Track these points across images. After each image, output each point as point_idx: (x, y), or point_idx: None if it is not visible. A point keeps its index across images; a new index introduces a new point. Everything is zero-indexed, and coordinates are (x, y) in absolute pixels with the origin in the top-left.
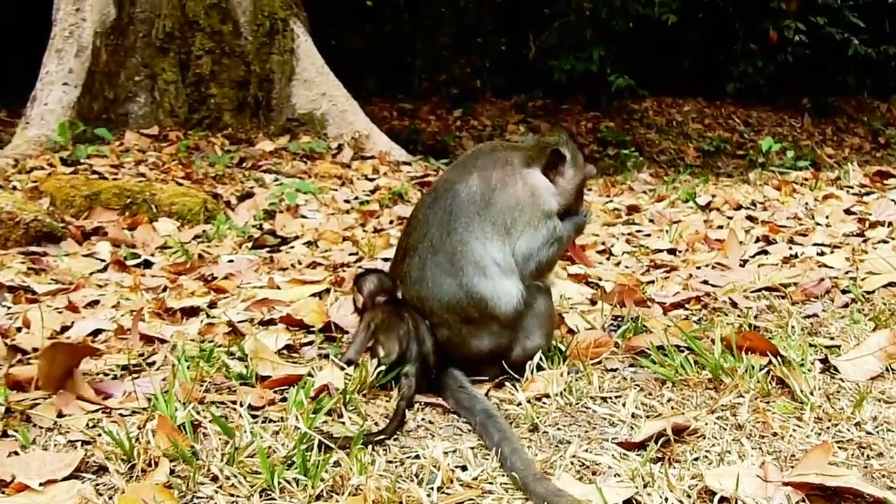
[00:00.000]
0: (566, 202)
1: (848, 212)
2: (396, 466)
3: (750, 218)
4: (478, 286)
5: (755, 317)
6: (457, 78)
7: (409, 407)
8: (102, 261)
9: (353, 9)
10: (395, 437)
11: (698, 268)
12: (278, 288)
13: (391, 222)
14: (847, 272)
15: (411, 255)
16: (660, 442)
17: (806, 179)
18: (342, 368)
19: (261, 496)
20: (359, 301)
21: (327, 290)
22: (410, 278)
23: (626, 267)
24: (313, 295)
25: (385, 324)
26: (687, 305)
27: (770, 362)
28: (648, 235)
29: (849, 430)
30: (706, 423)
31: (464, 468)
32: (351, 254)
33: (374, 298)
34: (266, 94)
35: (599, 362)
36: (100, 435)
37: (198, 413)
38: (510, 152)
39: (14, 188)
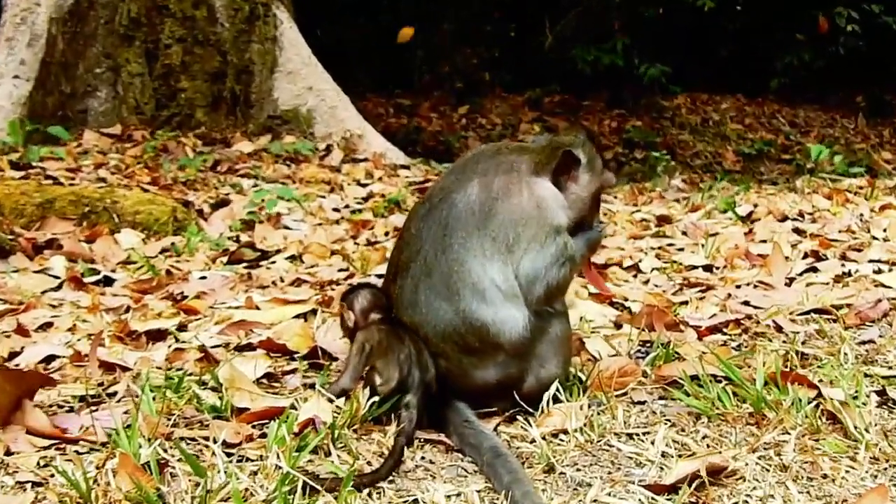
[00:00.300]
0: (579, 213)
1: None
2: None
3: (797, 231)
4: (477, 312)
5: (803, 343)
6: (462, 70)
7: (409, 444)
8: (56, 278)
9: None
10: (391, 478)
11: (738, 287)
12: (257, 308)
13: (387, 234)
14: None
15: (403, 276)
16: (693, 485)
17: (860, 187)
18: (331, 401)
19: None
20: (350, 319)
21: (313, 311)
22: (402, 302)
23: (656, 285)
24: (297, 316)
25: (382, 346)
26: (725, 330)
27: (819, 395)
28: (681, 250)
29: None
30: (746, 464)
31: None
32: (340, 270)
33: (367, 316)
34: (244, 88)
35: (625, 394)
36: (53, 475)
37: (165, 450)
38: (516, 156)
39: None
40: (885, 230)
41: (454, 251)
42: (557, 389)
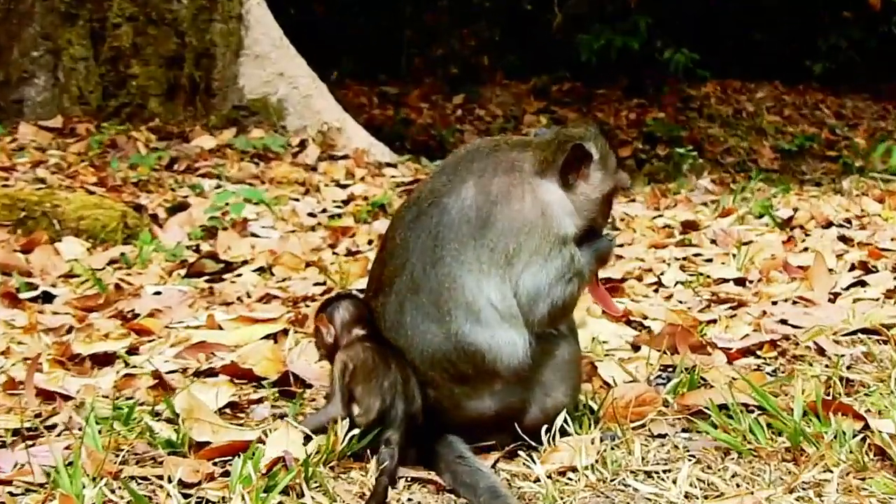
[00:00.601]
0: (588, 218)
1: None
2: None
3: (843, 239)
4: (471, 336)
5: (848, 367)
6: (457, 54)
7: (392, 484)
8: None
9: None
10: None
11: (774, 303)
12: (220, 328)
13: (370, 242)
14: None
15: (385, 293)
16: None
17: None
18: (309, 438)
19: None
20: (329, 335)
21: (284, 332)
22: (385, 322)
23: (680, 301)
24: (266, 337)
25: (366, 368)
26: (759, 352)
27: (866, 427)
28: (709, 261)
29: None
30: None
31: None
32: (316, 284)
33: (349, 331)
34: (205, 75)
35: (643, 426)
36: None
37: (112, 491)
38: (518, 152)
39: None
40: None
41: (445, 265)
42: (565, 421)
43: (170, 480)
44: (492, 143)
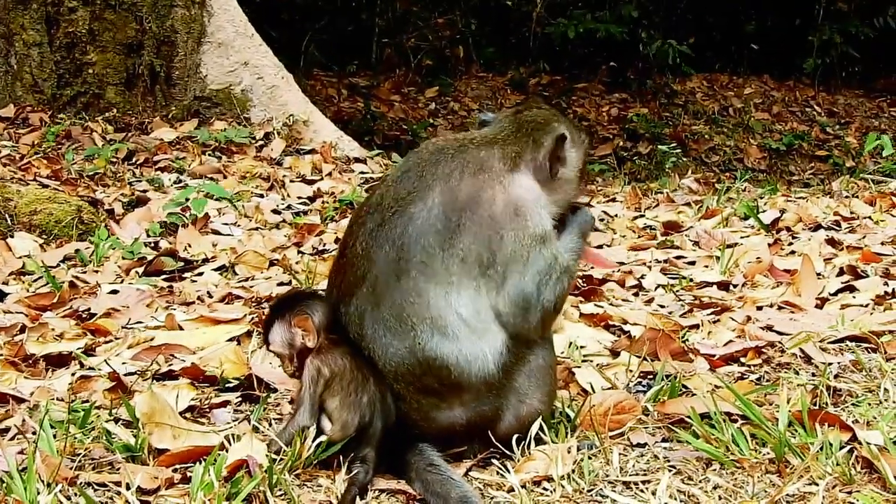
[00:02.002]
0: (566, 198)
1: None
2: None
3: (832, 242)
4: (435, 350)
5: (835, 376)
6: (430, 43)
7: (361, 496)
8: None
9: None
10: None
11: (759, 308)
12: (180, 329)
13: (337, 241)
14: None
15: (346, 303)
16: None
17: None
18: (278, 452)
19: None
20: (310, 339)
21: (248, 333)
22: (349, 331)
23: (661, 306)
24: (229, 340)
25: (343, 379)
26: (743, 359)
27: (854, 438)
28: (692, 264)
29: None
30: None
31: None
32: (281, 284)
33: (325, 335)
34: (166, 63)
35: (622, 434)
36: None
37: (68, 498)
38: (485, 151)
39: None
40: None
41: (411, 279)
42: (541, 429)
43: (128, 487)
44: (456, 142)
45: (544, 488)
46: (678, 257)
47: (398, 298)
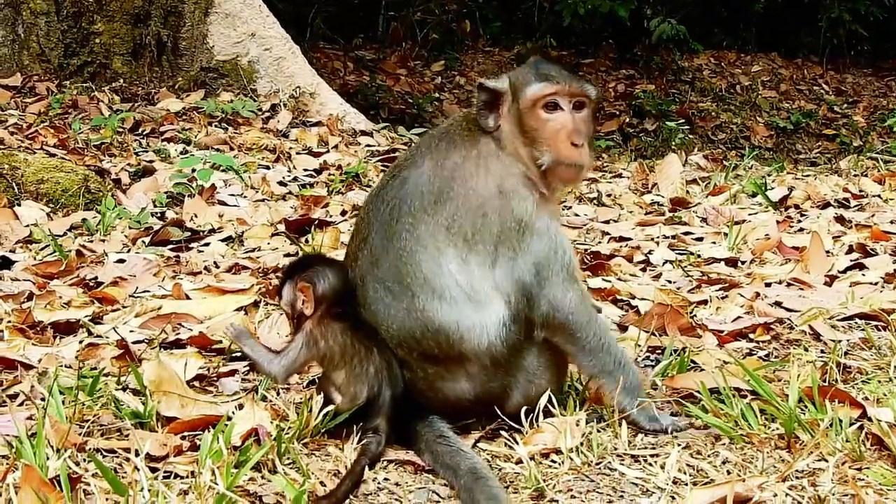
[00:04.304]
0: (537, 157)
1: None
2: None
3: (840, 220)
4: (433, 314)
5: (845, 353)
6: (437, 17)
7: (372, 466)
8: None
9: None
10: (349, 502)
11: (768, 285)
12: (187, 298)
13: (343, 213)
14: None
15: (353, 267)
16: None
17: None
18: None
19: None
20: (307, 306)
21: (255, 304)
22: (358, 298)
23: (669, 282)
24: (237, 310)
25: (347, 355)
26: (752, 335)
27: (864, 415)
28: (700, 240)
29: None
30: (775, 495)
31: None
32: (287, 255)
33: (327, 306)
34: (172, 34)
35: None
36: None
37: (77, 464)
38: (468, 116)
39: None
40: None
41: (401, 238)
42: (549, 401)
43: (137, 454)
44: (466, 118)
45: (552, 460)
46: (686, 234)
47: (393, 258)
